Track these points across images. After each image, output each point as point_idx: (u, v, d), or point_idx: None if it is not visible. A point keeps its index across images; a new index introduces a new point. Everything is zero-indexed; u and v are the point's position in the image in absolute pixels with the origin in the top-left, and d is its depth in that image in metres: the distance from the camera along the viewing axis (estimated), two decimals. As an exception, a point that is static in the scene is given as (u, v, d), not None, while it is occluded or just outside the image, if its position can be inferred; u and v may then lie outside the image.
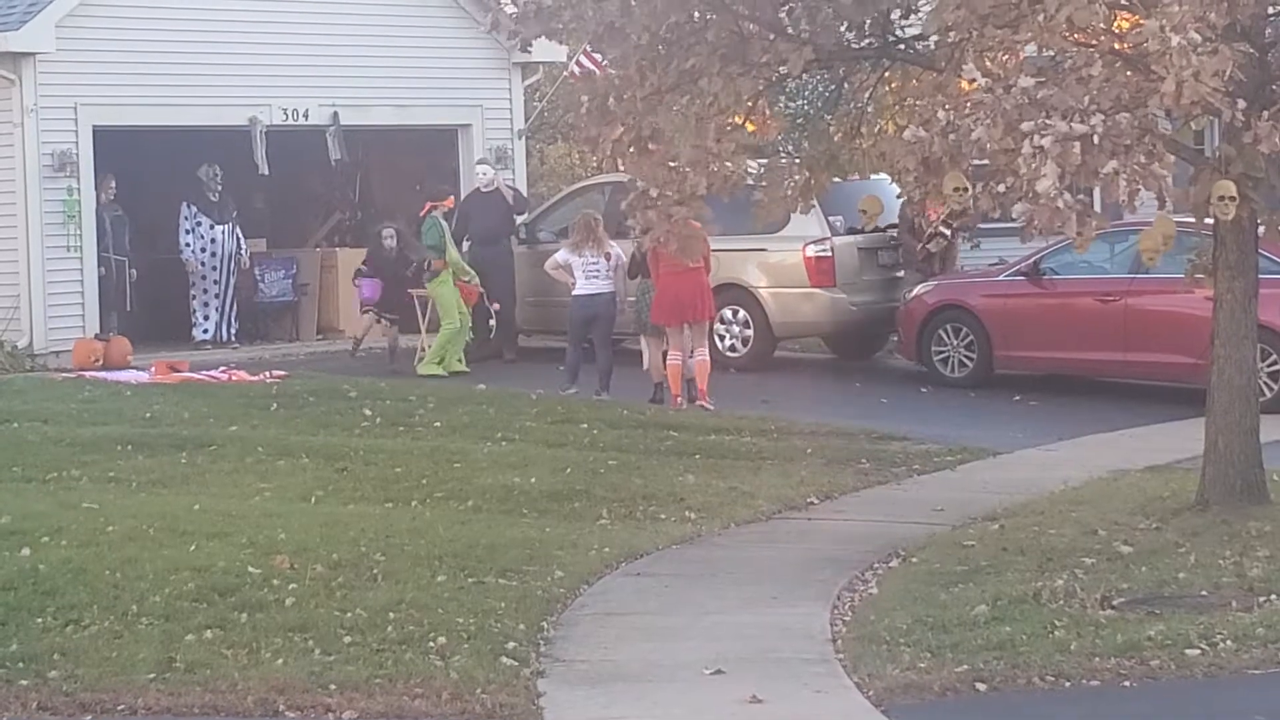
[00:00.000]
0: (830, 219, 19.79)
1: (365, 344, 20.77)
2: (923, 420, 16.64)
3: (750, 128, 12.86)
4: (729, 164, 11.33)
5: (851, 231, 19.74)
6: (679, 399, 17.05)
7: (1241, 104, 10.11)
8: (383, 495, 12.98)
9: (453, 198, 21.10)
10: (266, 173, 22.03)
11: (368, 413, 16.34)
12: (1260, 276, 12.04)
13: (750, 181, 12.41)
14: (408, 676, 8.70)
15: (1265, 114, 10.31)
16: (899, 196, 15.50)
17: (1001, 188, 10.20)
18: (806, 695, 8.67)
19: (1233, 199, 10.32)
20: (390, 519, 12.05)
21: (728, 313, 20.03)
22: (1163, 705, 8.41)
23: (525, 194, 22.93)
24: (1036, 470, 14.38)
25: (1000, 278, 19.14)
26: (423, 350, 20.50)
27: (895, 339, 20.33)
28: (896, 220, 20.04)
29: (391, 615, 9.60)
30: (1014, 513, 12.55)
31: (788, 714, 8.37)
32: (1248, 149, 10.40)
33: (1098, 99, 10.01)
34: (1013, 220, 10.45)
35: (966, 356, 18.92)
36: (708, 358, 17.31)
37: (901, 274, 20.50)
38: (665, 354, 17.35)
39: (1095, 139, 9.86)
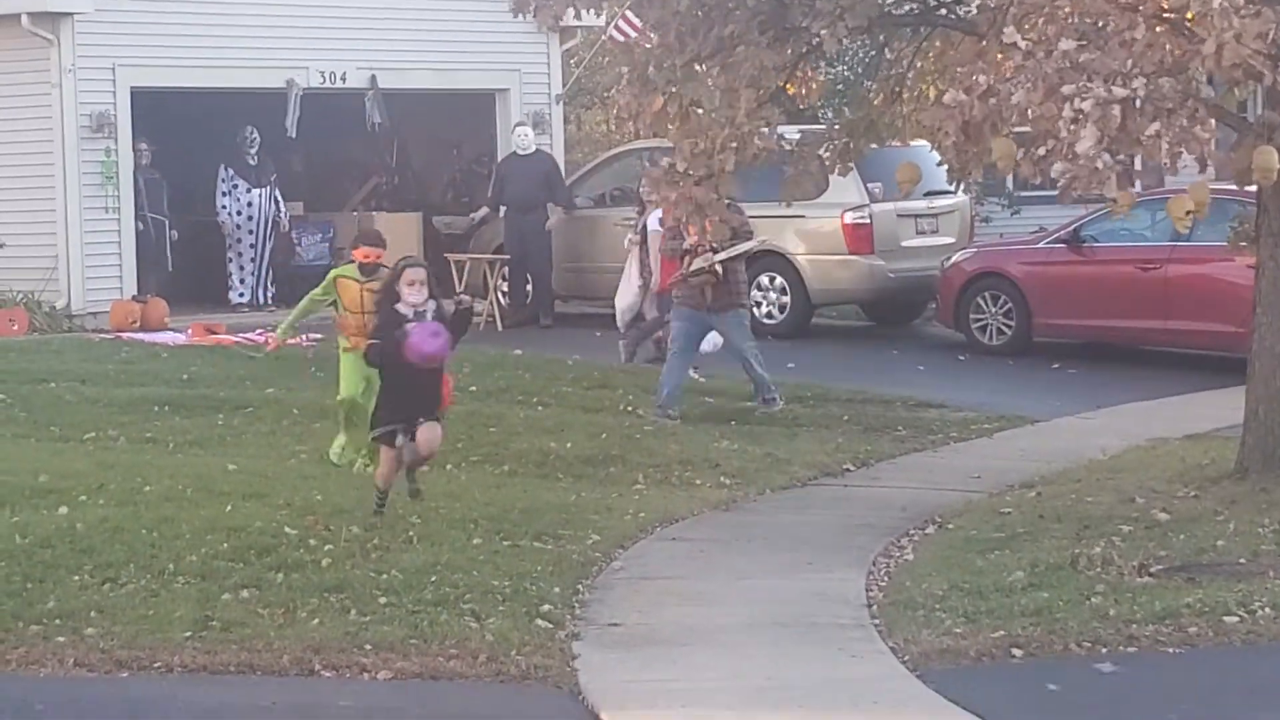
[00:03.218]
0: (869, 186, 19.71)
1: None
2: (960, 388, 16.59)
3: (790, 89, 12.81)
4: (758, 140, 11.26)
5: None
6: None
7: (1285, 67, 10.01)
8: (419, 458, 12.98)
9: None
10: (294, 136, 22.05)
11: (404, 376, 16.33)
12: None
13: (784, 149, 12.33)
14: (443, 638, 8.71)
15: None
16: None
17: (1042, 150, 10.13)
18: (842, 660, 8.66)
19: (1272, 167, 10.22)
20: (426, 481, 12.03)
21: (765, 279, 20.00)
22: (1200, 672, 8.37)
23: (562, 159, 22.91)
24: (1074, 438, 14.32)
25: (1039, 245, 19.06)
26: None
27: (933, 306, 20.27)
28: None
29: (427, 577, 9.60)
30: (1051, 480, 12.51)
31: (823, 678, 8.36)
32: (1290, 114, 10.32)
33: (1140, 63, 9.92)
34: (1053, 187, 10.38)
35: (1005, 324, 18.86)
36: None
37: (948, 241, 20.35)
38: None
39: (1137, 102, 9.77)
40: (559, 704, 8.07)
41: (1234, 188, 11.23)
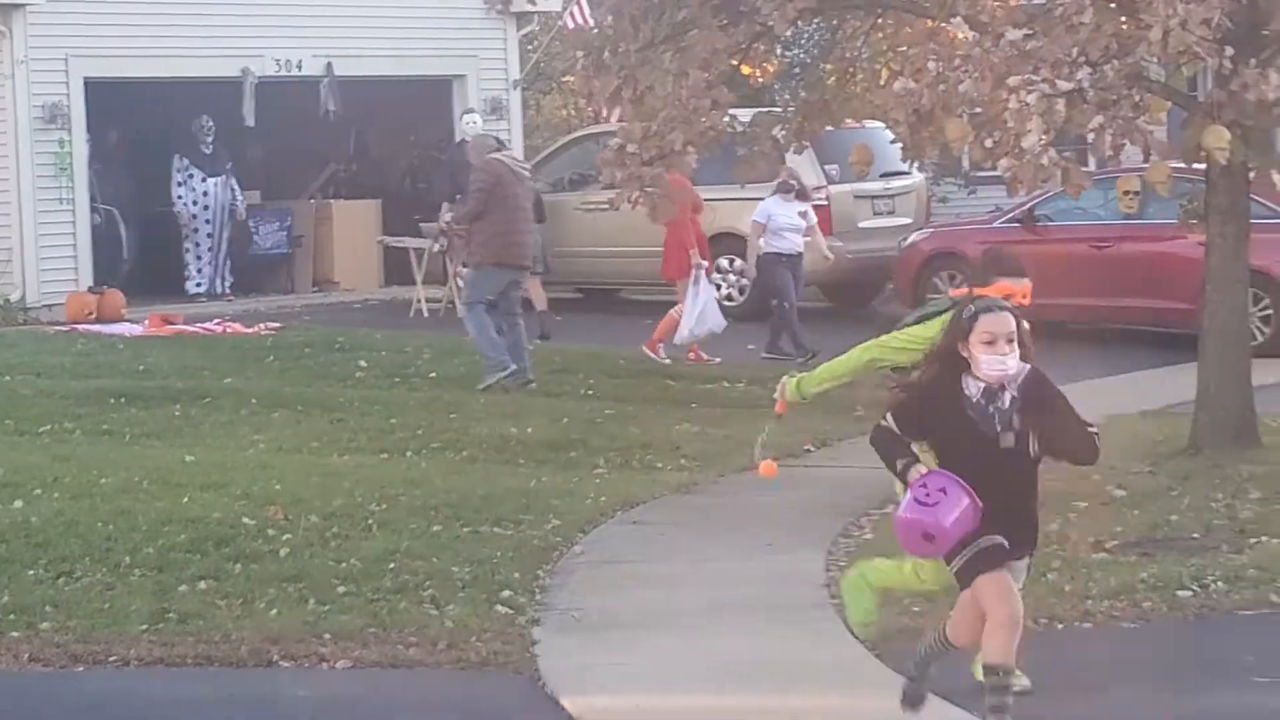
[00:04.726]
0: (826, 168, 19.75)
1: None
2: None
3: (746, 70, 12.87)
4: (705, 120, 11.30)
5: None
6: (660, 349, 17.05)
7: (1230, 51, 10.08)
8: (378, 446, 12.97)
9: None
10: (253, 124, 22.00)
11: (363, 364, 16.34)
12: (1251, 221, 12.03)
13: (734, 131, 12.37)
14: (402, 626, 8.69)
15: (1253, 61, 10.28)
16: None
17: (989, 142, 10.21)
18: (803, 641, 8.67)
19: (1221, 147, 10.31)
20: (385, 469, 12.05)
21: (724, 262, 20.02)
22: (1155, 646, 8.44)
23: (521, 144, 22.87)
24: (1031, 416, 14.34)
25: (995, 225, 19.14)
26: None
27: (891, 287, 20.33)
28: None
29: (387, 565, 9.60)
30: (1009, 458, 12.53)
31: (784, 659, 8.38)
32: (1237, 95, 10.38)
33: (1086, 48, 9.98)
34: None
35: (962, 303, 18.91)
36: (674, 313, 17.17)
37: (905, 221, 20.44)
38: None
39: (1082, 93, 9.85)
40: (519, 690, 8.07)
41: (1183, 166, 11.30)
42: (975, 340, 6.54)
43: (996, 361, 6.52)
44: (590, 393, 15.21)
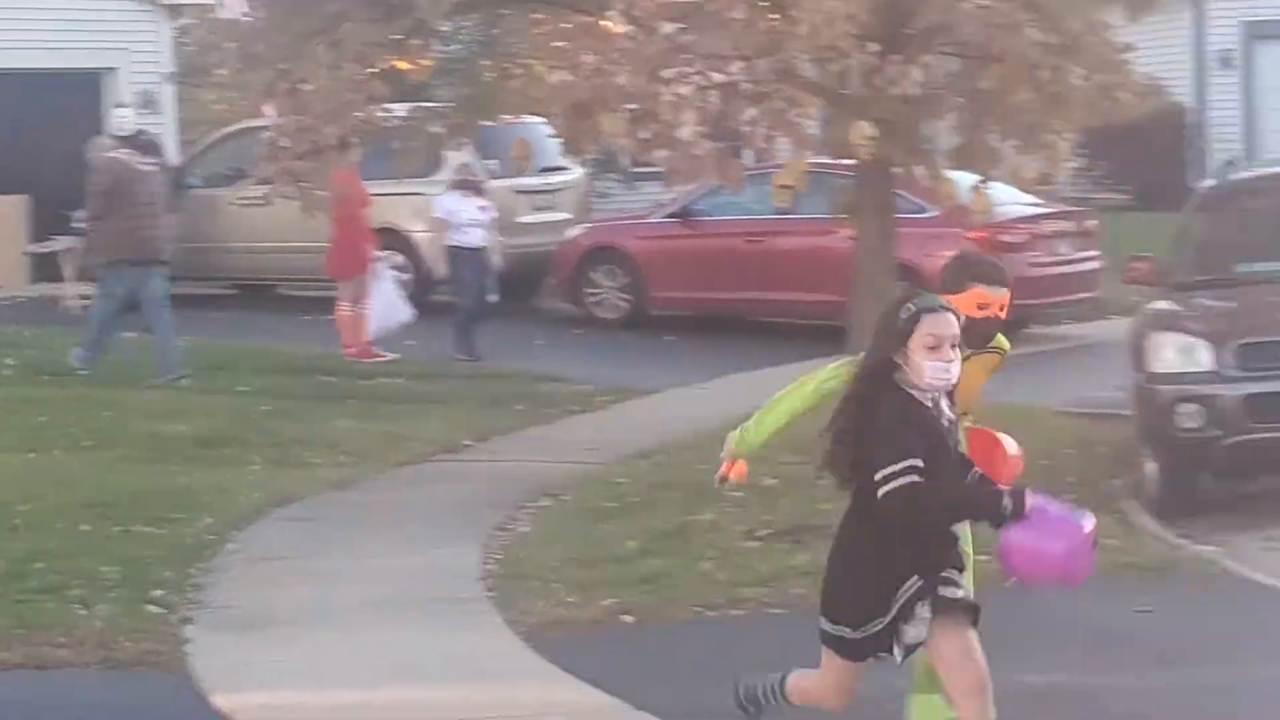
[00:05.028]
0: (486, 163, 19.78)
1: None
2: (577, 362, 16.79)
3: (403, 66, 12.84)
4: (360, 114, 11.27)
5: None
6: (353, 348, 16.93)
7: (874, 47, 10.38)
8: (26, 445, 12.64)
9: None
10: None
11: (10, 362, 15.87)
12: (897, 216, 12.41)
13: (390, 126, 12.36)
14: (49, 627, 8.52)
15: (897, 57, 10.61)
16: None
17: (646, 134, 10.38)
18: (460, 635, 8.72)
19: (866, 142, 10.62)
20: (33, 468, 11.75)
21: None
22: (803, 631, 8.63)
23: (176, 139, 22.43)
24: (688, 408, 14.59)
25: (653, 220, 19.41)
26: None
27: (551, 282, 20.46)
28: None
29: (33, 565, 9.37)
30: (665, 450, 12.74)
31: (441, 654, 8.40)
32: (881, 91, 10.70)
33: (739, 43, 10.20)
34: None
35: (621, 298, 19.14)
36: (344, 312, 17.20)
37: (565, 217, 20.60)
38: None
39: (735, 87, 10.07)
40: (170, 688, 7.96)
41: (833, 161, 11.62)
42: (916, 345, 5.64)
43: (941, 369, 5.64)
44: (246, 389, 15.02)
